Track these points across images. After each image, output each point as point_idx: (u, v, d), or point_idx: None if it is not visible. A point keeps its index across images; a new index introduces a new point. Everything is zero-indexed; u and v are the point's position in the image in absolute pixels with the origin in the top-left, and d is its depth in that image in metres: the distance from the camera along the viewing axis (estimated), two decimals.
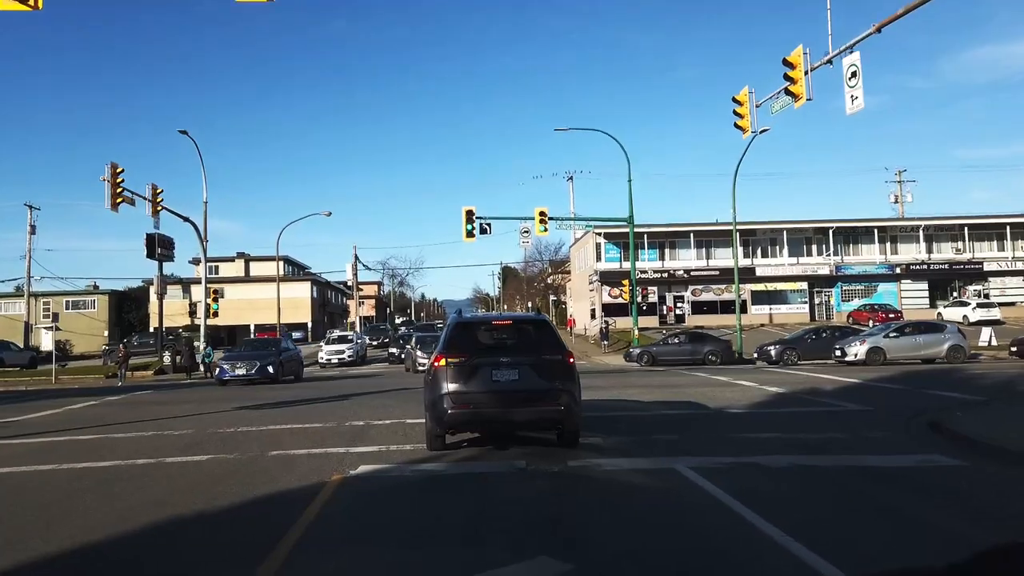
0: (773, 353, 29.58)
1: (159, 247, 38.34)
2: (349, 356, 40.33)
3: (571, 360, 9.46)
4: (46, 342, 73.14)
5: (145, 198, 30.86)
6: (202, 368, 36.05)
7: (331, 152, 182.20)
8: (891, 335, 26.70)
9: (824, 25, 18.46)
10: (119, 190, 28.05)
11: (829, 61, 18.29)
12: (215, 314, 40.24)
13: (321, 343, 46.17)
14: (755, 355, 31.41)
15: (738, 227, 54.65)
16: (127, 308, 78.76)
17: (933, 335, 26.50)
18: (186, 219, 36.56)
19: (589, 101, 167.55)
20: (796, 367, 27.37)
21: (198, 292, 66.52)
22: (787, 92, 19.18)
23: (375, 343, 56.79)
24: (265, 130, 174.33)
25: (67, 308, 77.77)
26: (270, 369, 26.23)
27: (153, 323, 73.85)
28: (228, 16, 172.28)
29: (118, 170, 27.83)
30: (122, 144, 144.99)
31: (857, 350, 26.32)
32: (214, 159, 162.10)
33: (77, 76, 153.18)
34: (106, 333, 75.35)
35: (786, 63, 18.88)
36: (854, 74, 17.20)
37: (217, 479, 8.46)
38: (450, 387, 9.04)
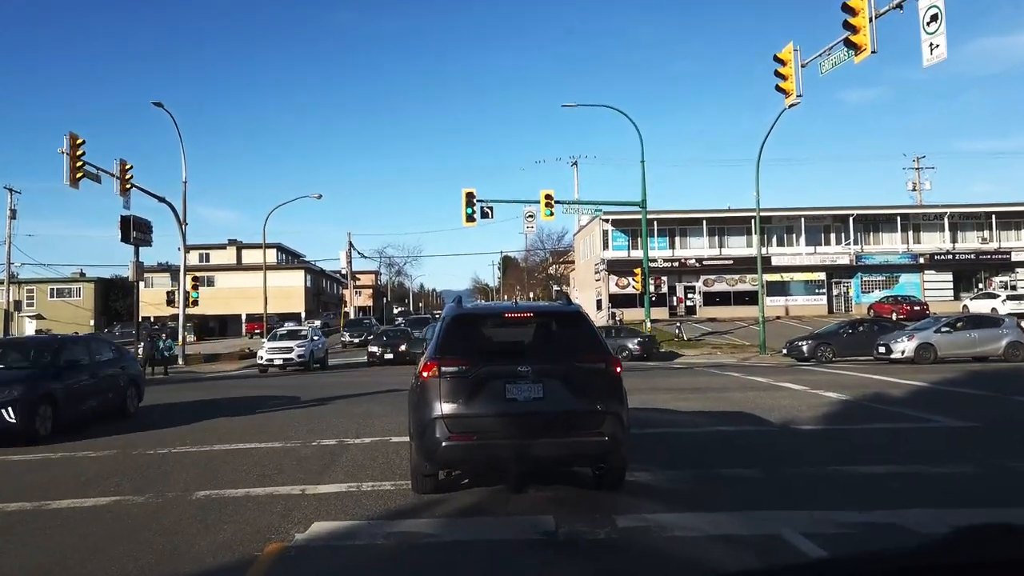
0: (805, 349, 26.80)
1: (134, 230, 35.40)
2: (299, 357, 29.46)
3: (618, 369, 6.68)
4: (29, 331, 70.57)
5: (111, 174, 27.95)
6: (164, 362, 30.86)
7: (327, 138, 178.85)
8: (943, 330, 23.90)
9: None
10: (79, 164, 25.16)
11: (899, 5, 15.40)
12: (195, 303, 37.40)
13: (263, 340, 35.36)
14: (783, 351, 28.62)
15: (753, 214, 51.91)
16: (114, 296, 75.95)
17: (989, 330, 23.71)
18: (161, 199, 33.71)
19: (594, 83, 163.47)
20: (833, 365, 24.59)
21: (187, 280, 63.98)
22: (847, 44, 16.28)
23: (356, 340, 46.65)
24: (260, 116, 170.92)
25: (51, 296, 75.04)
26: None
27: (142, 311, 71.32)
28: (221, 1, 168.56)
29: (78, 141, 24.94)
30: (110, 132, 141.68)
31: (905, 347, 23.54)
32: (209, 146, 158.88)
33: (62, 59, 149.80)
34: (92, 322, 72.61)
35: (846, 8, 15.98)
36: (935, 17, 14.32)
37: (90, 552, 5.64)
38: (445, 408, 6.33)
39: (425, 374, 6.48)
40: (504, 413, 6.26)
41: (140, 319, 65.50)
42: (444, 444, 6.24)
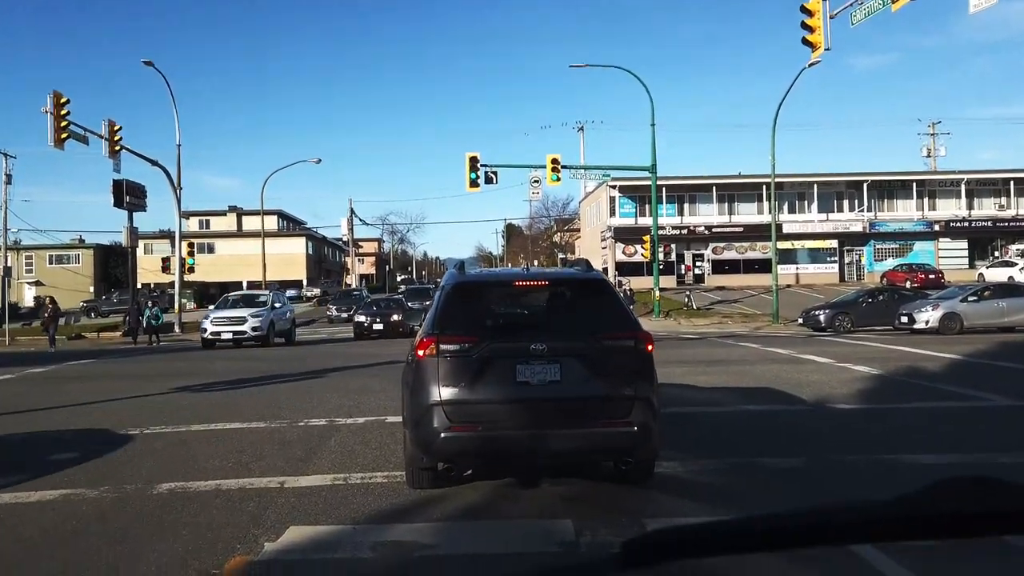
0: (822, 318, 25.77)
1: (128, 195, 34.32)
2: (253, 329, 23.42)
3: (650, 347, 5.71)
4: (28, 298, 69.81)
5: (99, 135, 26.78)
6: (151, 331, 28.17)
7: (328, 103, 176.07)
8: (969, 299, 22.81)
9: None
10: (64, 124, 23.98)
11: None
12: (191, 269, 36.48)
13: (209, 308, 28.95)
14: (799, 320, 27.60)
15: (765, 179, 50.55)
16: (114, 263, 74.97)
17: (1018, 299, 22.60)
18: (154, 163, 32.56)
19: (603, 46, 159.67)
20: (852, 335, 23.57)
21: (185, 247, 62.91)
22: None
23: (345, 315, 38.47)
24: (260, 81, 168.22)
25: (50, 263, 74.20)
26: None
27: (142, 279, 70.51)
28: None
29: (62, 100, 23.73)
30: (106, 96, 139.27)
31: (929, 316, 22.47)
32: (209, 113, 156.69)
33: (52, 20, 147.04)
34: (91, 288, 71.80)
35: None
36: None
37: (13, 564, 4.67)
38: (444, 393, 5.37)
39: (421, 352, 5.50)
40: (514, 399, 5.36)
41: (140, 286, 64.78)
42: (443, 435, 5.30)
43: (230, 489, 6.27)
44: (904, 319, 23.29)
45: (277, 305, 25.81)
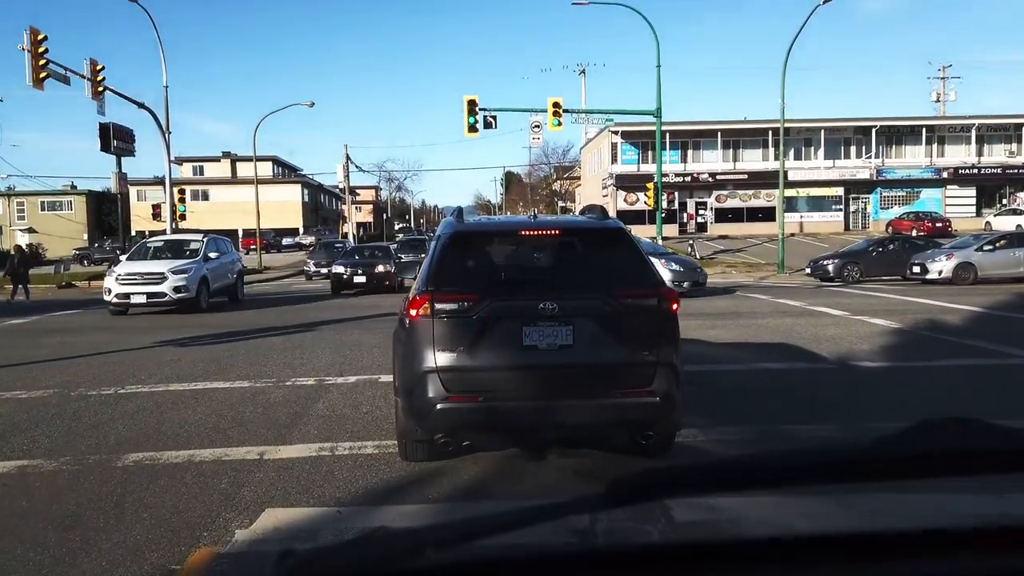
0: (831, 268, 25.04)
1: (115, 139, 33.24)
2: (176, 291, 17.38)
3: (675, 306, 5.08)
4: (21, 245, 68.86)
5: (81, 75, 25.55)
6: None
7: (324, 47, 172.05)
8: (984, 248, 22.08)
9: None
10: (42, 63, 22.79)
11: None
12: (183, 217, 35.59)
13: (115, 265, 20.15)
14: (807, 270, 26.89)
15: (771, 125, 49.27)
16: (107, 210, 73.75)
17: None
18: (141, 105, 31.33)
19: None
20: (862, 286, 22.90)
21: (176, 193, 61.66)
22: None
23: (325, 271, 29.84)
24: (254, 24, 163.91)
25: (42, 209, 73.05)
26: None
27: (136, 226, 69.57)
28: None
29: (39, 37, 22.49)
30: (89, 36, 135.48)
31: (942, 266, 21.78)
32: (203, 57, 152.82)
33: None
34: (85, 236, 70.82)
35: None
36: None
37: None
38: (440, 359, 4.76)
39: (414, 312, 4.86)
40: (520, 365, 4.77)
41: (134, 233, 63.82)
42: (439, 406, 4.70)
43: (203, 461, 5.65)
44: (916, 269, 22.60)
45: (213, 255, 18.75)
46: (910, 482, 0.98)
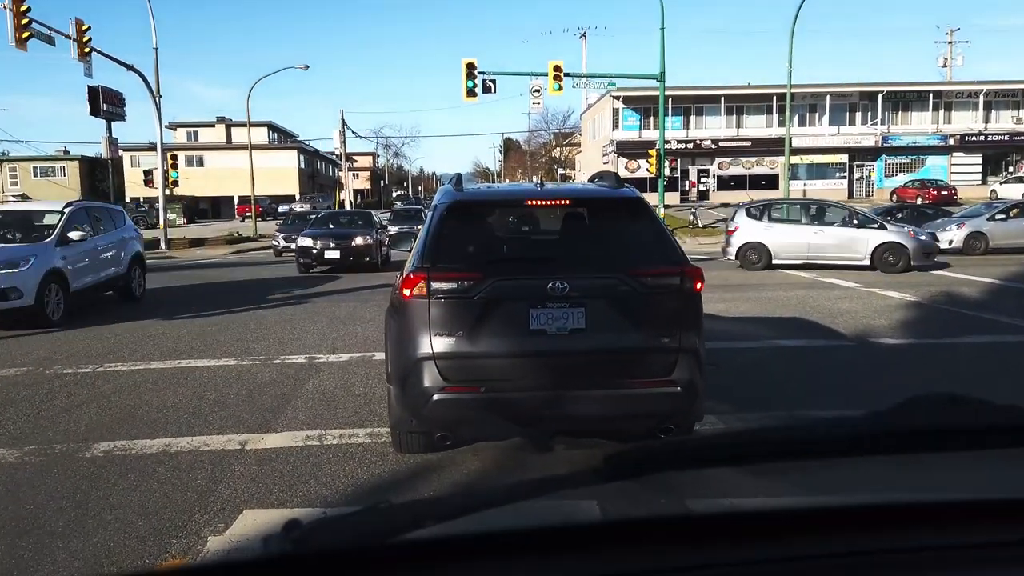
0: None
1: (104, 102, 32.41)
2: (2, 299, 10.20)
3: (699, 285, 4.58)
4: None
5: (66, 35, 24.69)
6: None
7: (319, 10, 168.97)
8: (996, 218, 21.51)
9: None
10: (25, 21, 21.93)
11: None
12: (175, 183, 34.88)
13: None
14: None
15: (776, 90, 48.33)
16: (100, 176, 72.50)
17: None
18: (129, 67, 30.43)
19: None
20: None
21: (176, 159, 60.63)
22: None
23: (293, 243, 21.81)
24: None
25: (35, 175, 71.98)
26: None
27: (130, 192, 68.68)
28: None
29: None
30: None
31: (953, 236, 21.22)
32: (197, 21, 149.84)
33: None
34: None
35: None
36: None
37: None
38: (437, 344, 4.28)
39: (408, 292, 4.35)
40: (526, 352, 4.31)
41: (128, 200, 62.90)
42: (436, 397, 4.24)
43: (180, 452, 5.18)
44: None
45: (77, 235, 11.78)
46: (905, 456, 0.98)
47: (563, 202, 5.02)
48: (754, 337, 9.15)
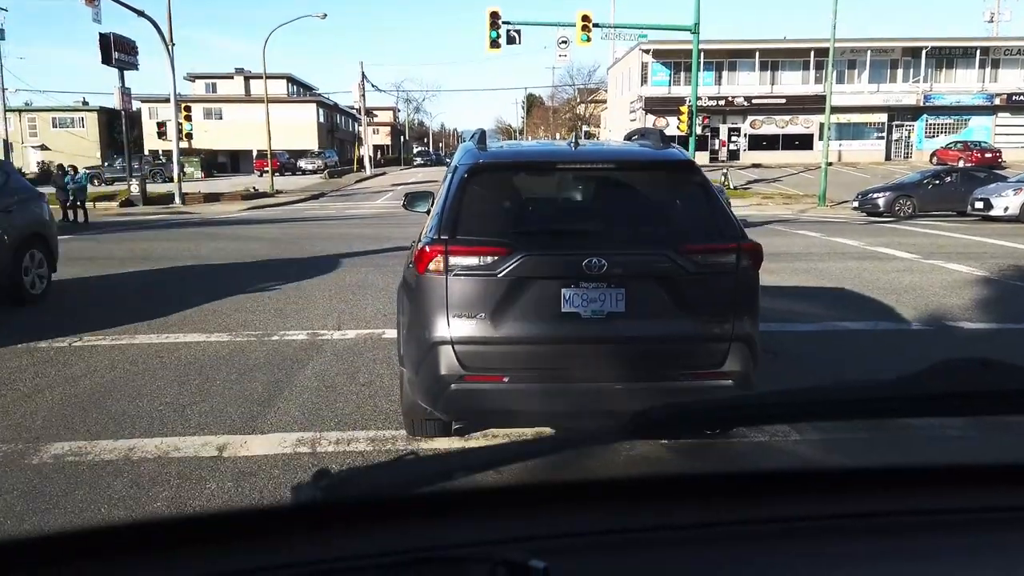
0: (881, 202, 23.15)
1: (116, 51, 31.43)
2: None
3: (756, 264, 4.04)
4: (32, 163, 67.68)
5: None
6: (75, 206, 22.42)
7: None
8: None
9: None
10: None
11: None
12: (189, 136, 34.00)
13: None
14: (854, 204, 24.99)
15: (813, 44, 46.18)
16: (119, 127, 71.91)
17: None
18: (140, 13, 29.33)
19: None
20: (916, 222, 21.05)
21: (195, 111, 59.58)
22: None
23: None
24: None
25: (53, 126, 71.46)
26: None
27: (148, 144, 67.94)
28: None
29: None
30: None
31: (1009, 202, 19.83)
32: None
33: None
34: (98, 154, 69.34)
35: None
36: None
37: None
38: (456, 327, 3.82)
39: (423, 267, 3.85)
40: (558, 337, 3.86)
41: (147, 152, 62.25)
42: (454, 386, 3.80)
43: (144, 459, 4.31)
44: (979, 204, 20.64)
45: None
46: (929, 419, 1.07)
47: (602, 165, 4.50)
48: (811, 317, 8.09)
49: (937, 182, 23.55)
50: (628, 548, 0.87)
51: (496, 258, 3.76)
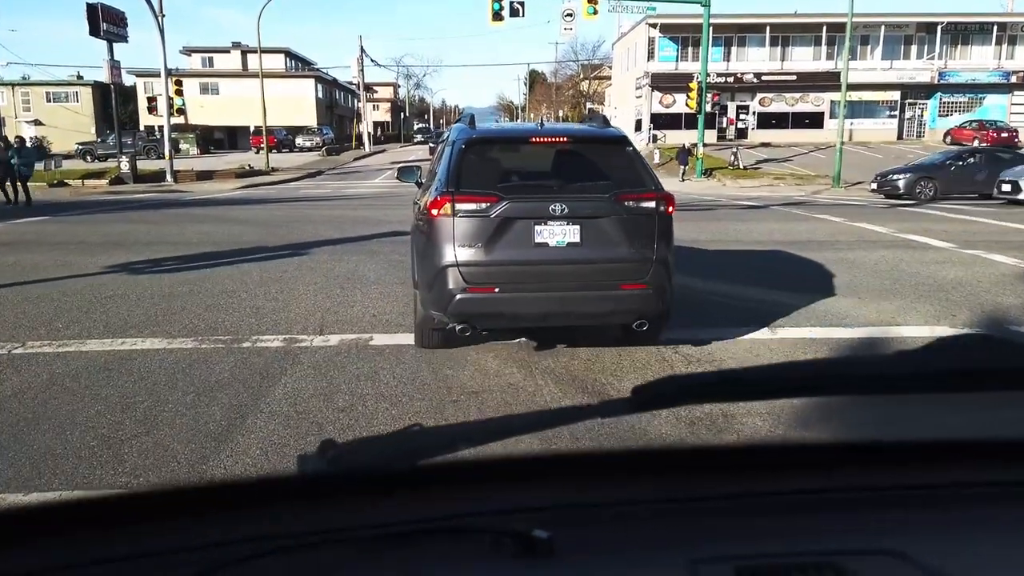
0: (901, 184, 22.15)
1: (104, 22, 30.31)
2: None
3: (670, 209, 5.42)
4: (26, 138, 66.40)
5: None
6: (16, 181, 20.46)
7: None
8: None
9: None
10: None
11: None
12: (180, 111, 32.86)
13: None
14: (872, 185, 23.97)
15: (825, 19, 44.85)
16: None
17: None
18: None
19: None
20: (940, 205, 20.05)
21: (191, 86, 58.11)
22: None
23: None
24: None
25: (47, 100, 70.12)
26: None
27: (144, 120, 66.58)
28: None
29: None
30: None
31: None
32: None
33: None
34: (93, 129, 68.03)
35: None
36: None
37: None
38: (460, 254, 5.15)
39: (435, 212, 5.21)
40: (532, 260, 5.23)
41: (142, 128, 60.89)
42: (459, 296, 5.15)
43: None
44: (1007, 187, 19.63)
45: None
46: (934, 396, 0.96)
47: (560, 139, 5.87)
48: (862, 320, 7.15)
49: (960, 163, 22.52)
50: (631, 518, 0.89)
51: (488, 204, 5.13)
